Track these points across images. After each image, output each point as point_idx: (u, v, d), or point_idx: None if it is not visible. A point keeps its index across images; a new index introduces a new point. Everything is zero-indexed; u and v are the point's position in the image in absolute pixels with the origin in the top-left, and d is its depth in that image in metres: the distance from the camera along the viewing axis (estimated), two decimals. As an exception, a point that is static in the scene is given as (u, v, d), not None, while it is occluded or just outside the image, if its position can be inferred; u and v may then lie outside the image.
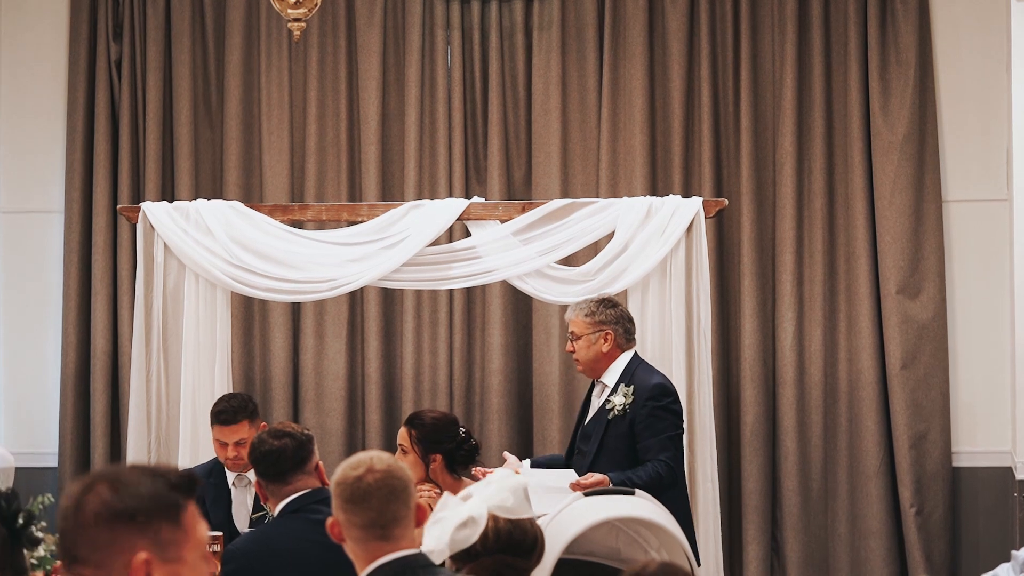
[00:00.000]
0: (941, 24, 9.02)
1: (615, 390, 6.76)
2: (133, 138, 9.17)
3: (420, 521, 3.87)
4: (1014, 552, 6.38)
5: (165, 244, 7.72)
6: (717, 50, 9.07)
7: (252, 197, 9.04)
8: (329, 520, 3.84)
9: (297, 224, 8.08)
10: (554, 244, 7.64)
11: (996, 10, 8.95)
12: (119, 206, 8.50)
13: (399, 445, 6.38)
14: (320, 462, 5.42)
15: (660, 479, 6.51)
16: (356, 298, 9.04)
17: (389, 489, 3.80)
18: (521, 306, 9.07)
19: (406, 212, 7.77)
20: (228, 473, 6.93)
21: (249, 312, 9.13)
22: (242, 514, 6.87)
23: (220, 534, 5.75)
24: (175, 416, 7.65)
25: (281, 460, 5.31)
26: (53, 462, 9.11)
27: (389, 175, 9.19)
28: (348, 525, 3.80)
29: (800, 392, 8.95)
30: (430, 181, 9.12)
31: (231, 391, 7.73)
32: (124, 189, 9.11)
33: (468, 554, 4.10)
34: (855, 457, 8.95)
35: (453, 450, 6.35)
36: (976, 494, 8.99)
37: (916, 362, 8.91)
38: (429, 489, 6.22)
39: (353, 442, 9.03)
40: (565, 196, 8.69)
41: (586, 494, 5.89)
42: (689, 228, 7.57)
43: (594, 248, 7.92)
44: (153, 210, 7.79)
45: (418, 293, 8.97)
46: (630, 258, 7.58)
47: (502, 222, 7.72)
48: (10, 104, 9.26)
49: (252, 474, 6.23)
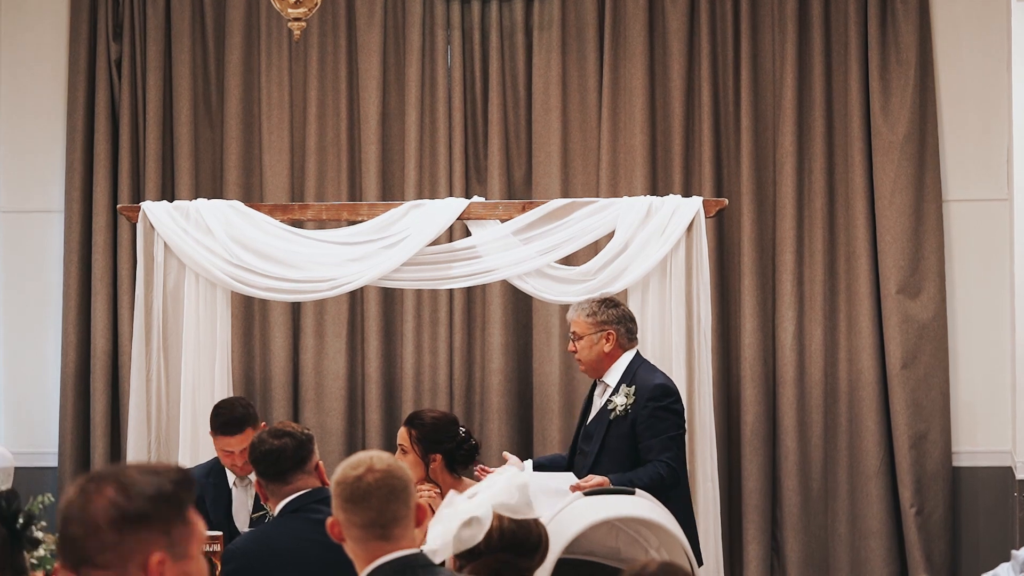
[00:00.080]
0: (941, 24, 9.02)
1: (617, 390, 6.73)
2: (133, 138, 9.17)
3: (420, 521, 3.87)
4: (1014, 552, 6.38)
5: (165, 244, 7.72)
6: (717, 50, 9.07)
7: (252, 197, 9.04)
8: (329, 520, 3.84)
9: (297, 224, 8.07)
10: (554, 244, 7.63)
11: (996, 9, 8.95)
12: (119, 206, 8.50)
13: (399, 445, 6.37)
14: (320, 462, 5.42)
15: (661, 480, 6.49)
16: (356, 298, 9.04)
17: (389, 489, 3.80)
18: (521, 306, 9.07)
19: (406, 212, 7.77)
20: (229, 473, 6.93)
21: (249, 312, 9.13)
22: (242, 514, 6.86)
23: (220, 534, 5.73)
24: (175, 416, 7.64)
25: (281, 460, 5.31)
26: (53, 462, 9.11)
27: (389, 175, 9.18)
28: (348, 525, 3.80)
29: (800, 392, 8.95)
30: (430, 180, 9.12)
31: (231, 391, 7.73)
32: (124, 189, 9.10)
33: (471, 553, 4.10)
34: (855, 457, 8.94)
35: (453, 450, 6.35)
36: (976, 494, 8.98)
37: (916, 362, 8.91)
38: (429, 489, 6.22)
39: (353, 442, 9.02)
40: (565, 196, 8.68)
41: (586, 494, 5.89)
42: (689, 228, 7.57)
43: (594, 248, 7.91)
44: (153, 210, 7.78)
45: (418, 293, 8.97)
46: (630, 258, 7.58)
47: (502, 222, 7.72)
48: (10, 104, 9.26)
49: (253, 474, 6.23)
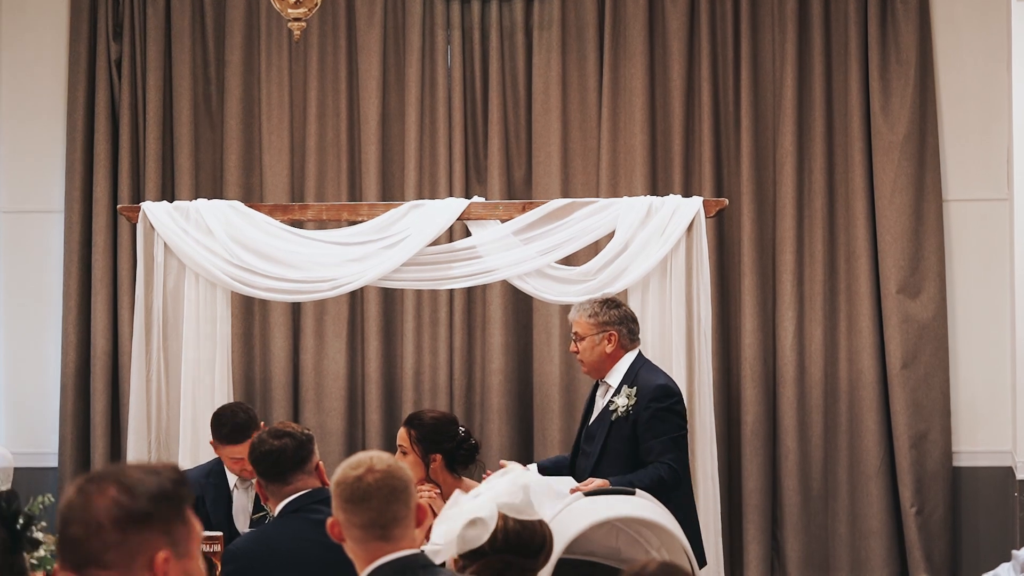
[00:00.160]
0: (941, 23, 9.02)
1: (618, 391, 6.70)
2: (133, 138, 9.17)
3: (420, 521, 3.87)
4: (1015, 552, 6.37)
5: (165, 244, 7.72)
6: (717, 50, 9.07)
7: (252, 197, 9.04)
8: (329, 520, 3.84)
9: (297, 224, 8.07)
10: (554, 244, 7.63)
11: (996, 9, 8.95)
12: (119, 206, 8.50)
13: (399, 446, 6.37)
14: (320, 462, 5.41)
15: (662, 482, 6.45)
16: (356, 298, 9.04)
17: (389, 489, 3.80)
18: (521, 306, 9.07)
19: (406, 212, 7.77)
20: (230, 475, 6.92)
21: (249, 312, 9.13)
22: (243, 516, 6.86)
23: (220, 534, 5.73)
24: (175, 416, 7.64)
25: (281, 460, 5.31)
26: (53, 462, 9.11)
27: (389, 175, 9.18)
28: (348, 525, 3.80)
29: (800, 391, 8.95)
30: (430, 181, 9.12)
31: (231, 391, 7.74)
32: (124, 189, 9.10)
33: (475, 553, 4.09)
34: (855, 457, 8.94)
35: (453, 449, 6.34)
36: (976, 494, 8.98)
37: (916, 362, 8.91)
38: (429, 489, 6.22)
39: (353, 442, 9.02)
40: (565, 196, 8.69)
41: (586, 494, 5.89)
42: (689, 228, 7.57)
43: (594, 248, 7.91)
44: (153, 210, 7.78)
45: (418, 293, 8.97)
46: (630, 258, 7.57)
47: (502, 222, 7.72)
48: (10, 104, 9.26)
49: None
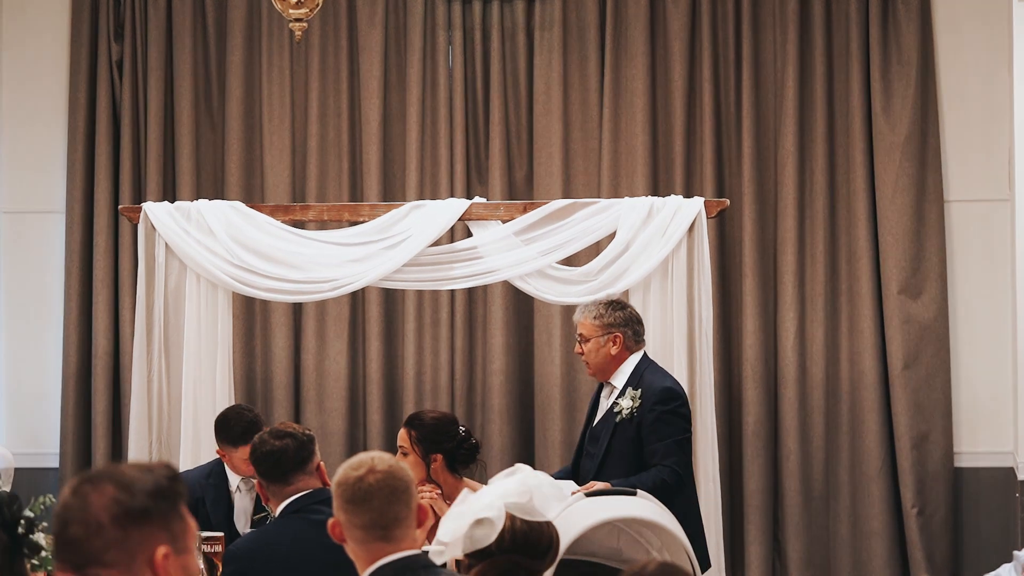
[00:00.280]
0: (943, 24, 9.01)
1: (623, 392, 6.69)
2: (134, 138, 9.16)
3: (421, 522, 3.87)
4: (1016, 553, 6.37)
5: (166, 244, 7.72)
6: (719, 50, 9.07)
7: (253, 197, 9.04)
8: (330, 521, 3.84)
9: (298, 224, 8.07)
10: (555, 244, 7.63)
11: (998, 10, 8.94)
12: (120, 206, 8.50)
13: (399, 447, 6.36)
14: (321, 462, 5.41)
15: (665, 485, 6.44)
16: (357, 298, 9.03)
17: (390, 490, 3.79)
18: (522, 306, 9.06)
19: (407, 212, 7.77)
20: (231, 476, 6.92)
21: (250, 312, 9.13)
22: (243, 518, 6.85)
23: (221, 535, 5.73)
24: (176, 416, 7.64)
25: (282, 460, 5.31)
26: (54, 462, 9.10)
27: (390, 175, 9.18)
28: (349, 526, 3.80)
29: (802, 392, 8.94)
30: (431, 181, 9.12)
31: (232, 391, 7.73)
32: (125, 189, 9.10)
33: (482, 552, 4.07)
34: (857, 457, 8.94)
35: (453, 449, 6.34)
36: (978, 495, 8.97)
37: (918, 362, 8.90)
38: (431, 490, 6.22)
39: (354, 443, 9.02)
40: (566, 196, 8.68)
41: (587, 495, 5.89)
42: (691, 228, 7.57)
43: (596, 248, 7.91)
44: (154, 210, 7.79)
45: (419, 293, 8.97)
46: (632, 258, 7.57)
47: (503, 222, 7.71)
48: (12, 105, 9.25)
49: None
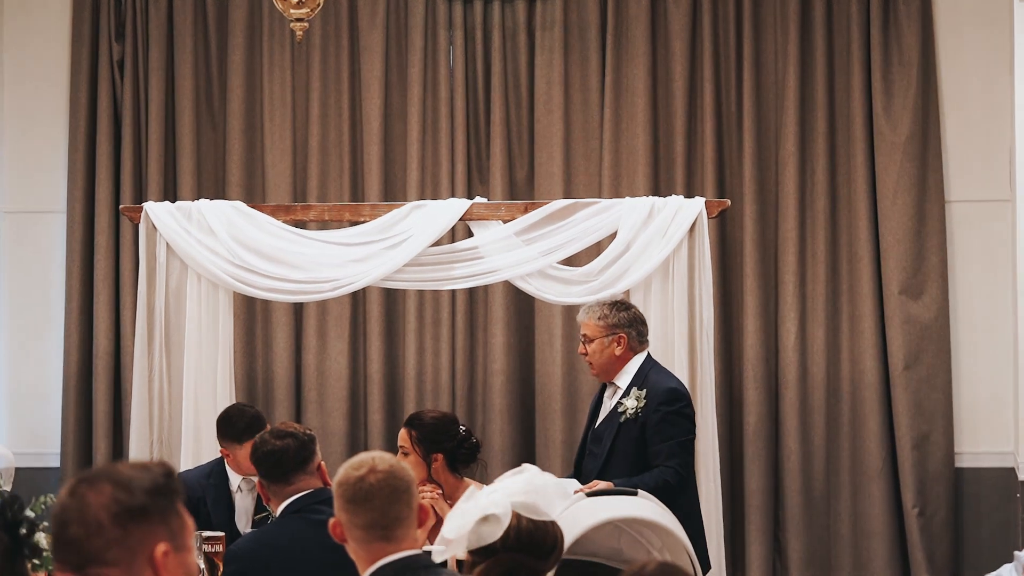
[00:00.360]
0: (944, 25, 9.01)
1: (627, 392, 6.68)
2: (135, 138, 9.17)
3: (422, 522, 3.87)
4: (1017, 553, 6.38)
5: (167, 244, 7.72)
6: (720, 50, 9.06)
7: (254, 197, 9.04)
8: (331, 520, 3.84)
9: (300, 224, 8.07)
10: (556, 244, 7.63)
11: (999, 11, 8.94)
12: (121, 206, 8.50)
13: (400, 447, 6.36)
14: (322, 462, 5.42)
15: (667, 486, 6.44)
16: (358, 298, 9.03)
17: (391, 489, 3.79)
18: (523, 306, 9.06)
19: (408, 212, 7.77)
20: (232, 477, 6.92)
21: (251, 312, 9.13)
22: (245, 516, 6.85)
23: (222, 535, 5.73)
24: (177, 416, 7.64)
25: (283, 460, 5.31)
26: (55, 462, 9.11)
27: (391, 175, 9.18)
28: (350, 525, 3.80)
29: (802, 392, 8.94)
30: (432, 181, 9.12)
31: (233, 391, 7.74)
32: (126, 189, 9.10)
33: (486, 550, 4.05)
34: (857, 457, 8.94)
35: (454, 449, 6.34)
36: (979, 495, 8.97)
37: (919, 363, 8.90)
38: (431, 490, 6.22)
39: (355, 442, 9.02)
40: (567, 196, 8.68)
41: (588, 495, 5.89)
42: (692, 228, 7.57)
43: (596, 248, 7.91)
44: (155, 210, 7.79)
45: (420, 293, 8.96)
46: (632, 258, 7.57)
47: (504, 222, 7.71)
48: (13, 104, 9.26)
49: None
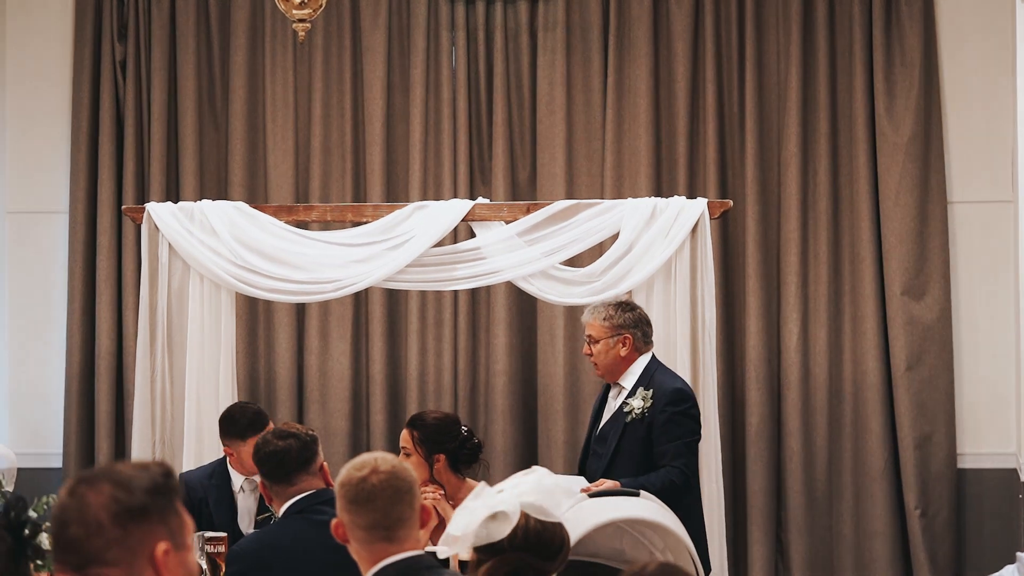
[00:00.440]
0: (946, 26, 9.01)
1: (633, 393, 6.69)
2: (138, 139, 9.17)
3: (424, 522, 3.87)
4: (1019, 554, 6.39)
5: (170, 245, 7.73)
6: (722, 51, 9.06)
7: (257, 198, 9.04)
8: (333, 521, 3.84)
9: (302, 225, 8.08)
10: (559, 245, 7.63)
11: (1001, 12, 8.94)
12: (124, 207, 8.51)
13: (402, 447, 6.36)
14: (324, 463, 5.42)
15: (673, 486, 6.45)
16: (360, 299, 9.04)
17: (393, 490, 3.79)
18: (526, 307, 9.06)
19: (411, 213, 7.77)
20: (234, 477, 6.92)
21: (254, 313, 9.13)
22: (247, 519, 6.85)
23: (224, 535, 5.74)
24: (179, 417, 7.65)
25: (286, 461, 5.31)
26: (58, 462, 9.11)
27: (394, 176, 9.18)
28: (352, 526, 3.80)
29: (805, 393, 8.94)
30: (435, 182, 9.12)
31: (235, 392, 7.75)
32: (129, 190, 9.11)
33: (492, 548, 4.02)
34: (860, 458, 8.93)
35: (456, 449, 6.34)
36: (981, 496, 8.97)
37: (921, 363, 8.90)
38: (434, 491, 6.21)
39: (357, 443, 9.02)
40: (570, 197, 8.68)
41: (592, 495, 5.89)
42: (694, 229, 7.57)
43: (599, 249, 7.91)
44: (158, 211, 7.79)
45: (422, 294, 8.96)
46: (635, 259, 7.57)
47: (507, 223, 7.72)
48: (16, 105, 9.26)
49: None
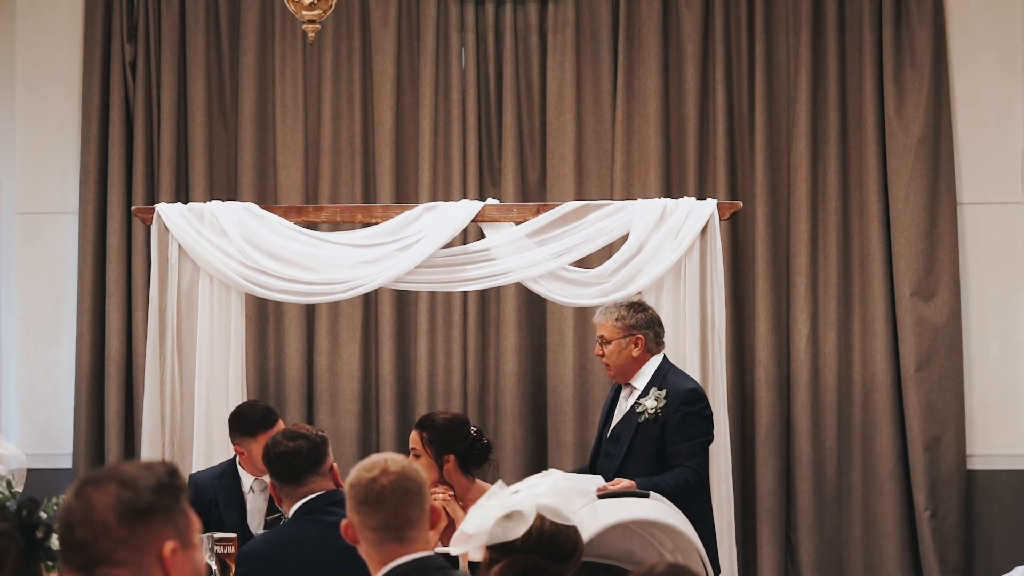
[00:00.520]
0: (956, 26, 9.00)
1: (645, 393, 6.68)
2: (147, 139, 9.17)
3: (434, 523, 3.87)
4: (1029, 555, 6.38)
5: (179, 245, 7.74)
6: (732, 52, 9.06)
7: (266, 198, 9.04)
8: (343, 522, 3.84)
9: (311, 226, 8.08)
10: (568, 246, 7.63)
11: (1011, 12, 8.93)
12: (133, 207, 8.51)
13: (411, 449, 6.36)
14: (334, 464, 5.42)
15: (688, 486, 6.46)
16: (370, 300, 9.04)
17: (403, 491, 3.80)
18: (535, 308, 9.06)
19: (420, 214, 7.77)
20: (244, 477, 6.92)
21: (263, 314, 9.13)
22: (256, 518, 6.85)
23: (234, 536, 5.74)
24: (189, 417, 7.65)
25: (296, 462, 5.31)
26: (67, 463, 9.11)
27: (403, 177, 9.18)
28: (362, 527, 3.80)
29: (814, 394, 8.93)
30: (444, 183, 9.12)
31: (245, 393, 7.76)
32: (138, 190, 9.11)
33: (505, 547, 4.00)
34: (869, 459, 8.93)
35: (466, 450, 6.34)
36: (991, 497, 8.96)
37: (931, 364, 8.89)
38: (443, 491, 6.22)
39: (367, 444, 9.02)
40: (579, 198, 8.68)
41: (600, 496, 5.89)
42: (703, 230, 7.57)
43: (608, 250, 7.91)
44: (167, 211, 7.80)
45: (432, 295, 8.96)
46: (644, 260, 7.57)
47: (516, 224, 7.72)
48: (26, 106, 9.27)
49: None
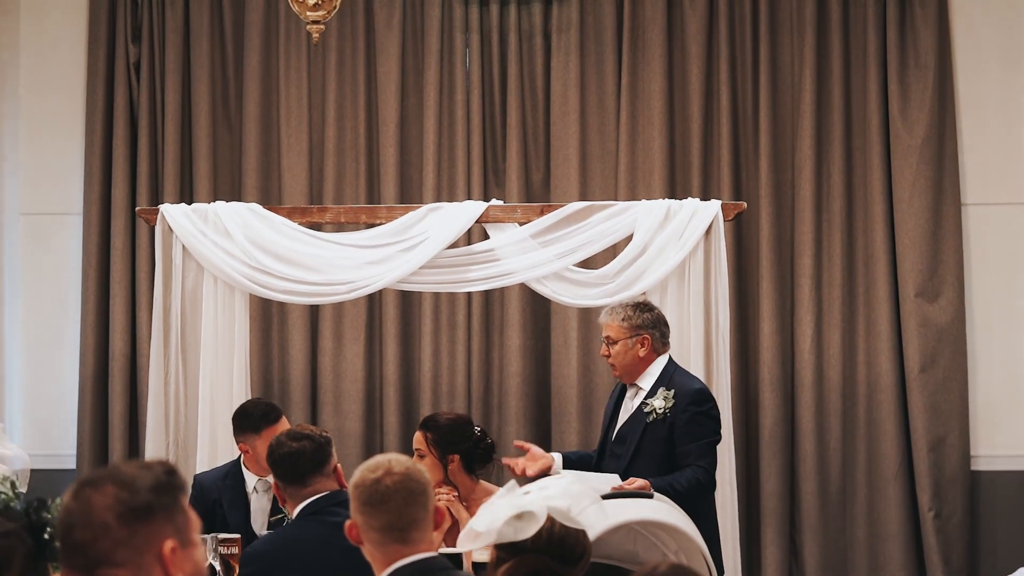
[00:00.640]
0: (960, 27, 9.00)
1: (652, 393, 6.67)
2: (152, 140, 9.18)
3: (438, 524, 3.88)
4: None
5: (183, 246, 7.74)
6: (736, 53, 9.06)
7: (270, 199, 9.05)
8: (347, 522, 3.85)
9: (315, 226, 8.09)
10: (572, 247, 7.63)
11: (1015, 14, 8.93)
12: (138, 208, 8.52)
13: (415, 449, 6.36)
14: (338, 464, 5.42)
15: (700, 485, 6.46)
16: (374, 300, 9.04)
17: (407, 492, 3.80)
18: (539, 309, 9.06)
19: (424, 215, 7.78)
20: (248, 478, 6.92)
21: (267, 314, 9.14)
22: (260, 519, 6.85)
23: (238, 536, 5.75)
24: (193, 418, 7.66)
25: (300, 462, 5.31)
26: (71, 464, 9.12)
27: (407, 177, 9.18)
28: (366, 528, 3.80)
29: (818, 395, 8.93)
30: (448, 184, 9.12)
31: (249, 393, 7.76)
32: (143, 191, 9.11)
33: (515, 548, 3.99)
34: (873, 460, 8.93)
35: (470, 450, 6.35)
36: (995, 497, 8.96)
37: (935, 365, 8.89)
38: (448, 492, 6.22)
39: (371, 445, 9.02)
40: (583, 199, 8.68)
41: (604, 497, 5.88)
42: (708, 231, 7.57)
43: (612, 251, 7.91)
44: (171, 212, 7.80)
45: (436, 296, 8.96)
46: (648, 261, 7.57)
47: (520, 225, 7.72)
48: (30, 107, 9.27)
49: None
